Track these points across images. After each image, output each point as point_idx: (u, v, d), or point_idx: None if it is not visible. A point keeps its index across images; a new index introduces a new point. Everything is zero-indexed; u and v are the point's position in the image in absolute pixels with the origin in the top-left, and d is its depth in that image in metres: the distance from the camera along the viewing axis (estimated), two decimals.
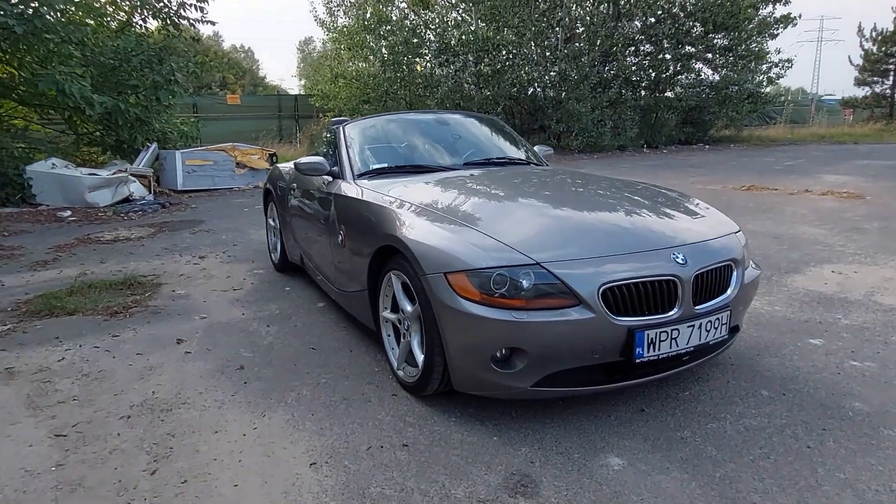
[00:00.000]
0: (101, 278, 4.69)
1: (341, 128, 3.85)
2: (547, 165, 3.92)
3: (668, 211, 2.79)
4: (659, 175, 11.57)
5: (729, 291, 2.45)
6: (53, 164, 8.52)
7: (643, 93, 20.28)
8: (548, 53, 18.39)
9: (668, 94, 21.12)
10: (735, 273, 2.49)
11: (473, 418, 2.44)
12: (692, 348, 2.31)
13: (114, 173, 8.61)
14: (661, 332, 2.21)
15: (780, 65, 21.01)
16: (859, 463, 2.08)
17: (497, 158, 3.68)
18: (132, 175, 8.77)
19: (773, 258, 4.95)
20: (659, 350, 2.23)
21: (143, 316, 3.84)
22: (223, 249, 5.81)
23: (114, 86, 9.31)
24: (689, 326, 2.27)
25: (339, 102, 17.69)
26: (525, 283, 2.16)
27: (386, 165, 3.49)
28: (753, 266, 2.79)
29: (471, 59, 16.61)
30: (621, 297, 2.20)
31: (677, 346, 2.26)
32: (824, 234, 5.84)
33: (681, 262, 2.28)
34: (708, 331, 2.33)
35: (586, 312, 2.14)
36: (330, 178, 3.54)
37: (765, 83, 21.53)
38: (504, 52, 17.02)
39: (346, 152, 3.61)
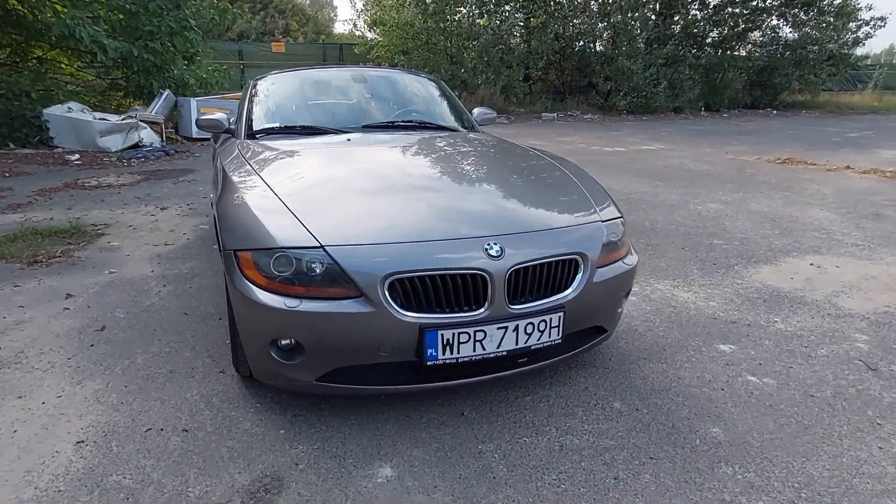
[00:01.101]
0: (51, 225, 4.77)
1: (252, 82, 3.64)
2: (473, 132, 3.56)
3: (530, 195, 2.44)
4: (695, 142, 10.73)
5: (568, 291, 2.12)
6: (69, 108, 8.76)
7: (708, 50, 18.75)
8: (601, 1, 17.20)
9: (737, 52, 19.47)
10: (582, 270, 2.15)
11: (278, 406, 2.26)
12: (504, 353, 2.02)
13: (124, 119, 8.76)
14: (460, 333, 1.93)
15: (872, 23, 18.91)
16: None
17: (403, 122, 3.36)
18: (143, 121, 8.91)
19: (752, 244, 4.43)
20: (458, 353, 1.95)
21: (60, 266, 3.85)
22: (189, 202, 5.79)
23: (133, 31, 9.39)
24: (500, 328, 1.97)
25: (378, 51, 17.34)
26: (314, 269, 1.92)
27: (277, 125, 3.27)
28: (630, 254, 2.42)
29: (508, 8, 15.75)
30: (413, 291, 1.92)
31: (483, 349, 1.98)
32: (832, 220, 5.18)
33: (494, 254, 1.97)
34: (529, 334, 2.02)
35: (366, 305, 1.89)
36: (229, 136, 3.37)
37: (850, 44, 19.46)
38: (552, 2, 16.07)
39: (246, 109, 3.41)
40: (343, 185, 2.42)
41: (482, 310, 1.96)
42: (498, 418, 2.20)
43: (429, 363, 1.94)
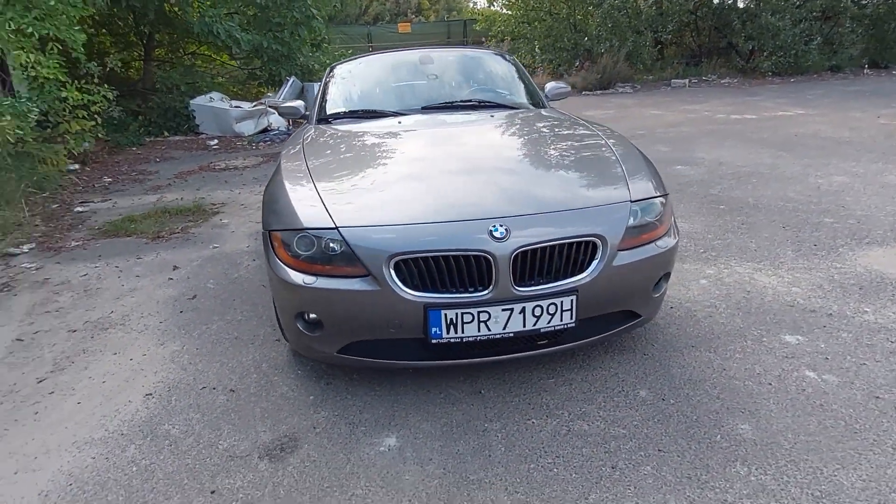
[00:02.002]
0: (178, 205, 5.43)
1: (329, 68, 3.85)
2: (538, 109, 3.47)
3: (560, 174, 2.38)
4: (844, 105, 9.46)
5: (583, 274, 2.06)
6: (211, 97, 9.76)
7: None
8: None
9: None
10: (600, 252, 2.08)
11: (315, 374, 2.46)
12: (511, 334, 2.02)
13: (255, 106, 9.59)
14: (463, 314, 1.97)
15: None
16: (654, 500, 1.70)
17: (462, 102, 3.38)
18: (271, 107, 9.68)
19: (870, 223, 3.90)
20: (463, 332, 2.00)
21: (177, 241, 4.40)
22: None
23: (264, 24, 10.18)
24: (504, 310, 1.99)
25: (499, 24, 17.16)
26: (333, 249, 2.07)
27: (341, 110, 3.45)
28: (669, 236, 2.29)
29: None
30: (417, 272, 2.00)
31: (489, 329, 2.00)
32: None
33: (499, 236, 1.97)
34: (537, 317, 2.01)
35: (373, 284, 2.00)
36: (304, 121, 3.62)
37: None
38: None
39: (319, 95, 3.63)
40: (376, 167, 2.53)
41: (486, 291, 1.98)
42: (514, 398, 2.22)
43: (433, 341, 2.01)
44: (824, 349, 2.43)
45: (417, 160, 2.57)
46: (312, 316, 2.15)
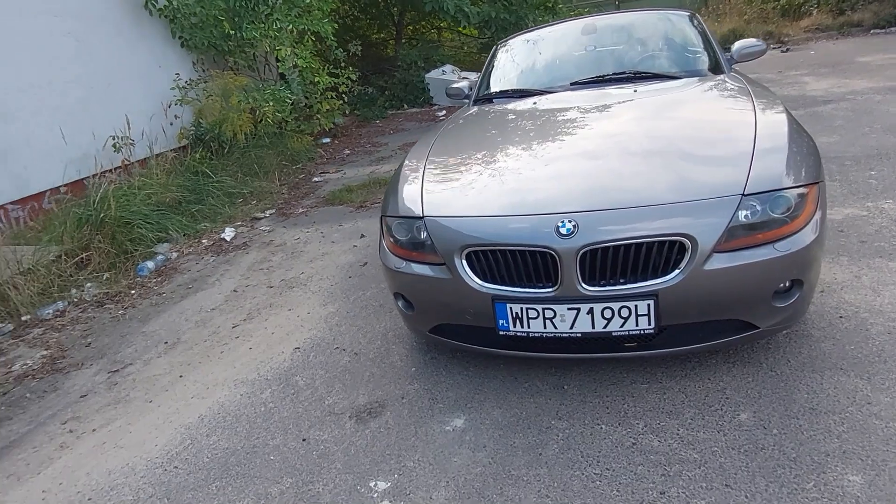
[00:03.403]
0: (388, 175, 6.06)
1: (495, 47, 3.89)
2: (714, 76, 3.00)
3: (670, 164, 2.09)
4: None
5: (666, 277, 1.85)
6: (443, 70, 10.43)
7: None
8: None
9: None
10: (688, 254, 1.84)
11: (425, 348, 2.65)
12: (579, 335, 1.94)
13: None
14: (528, 309, 1.96)
15: None
16: None
17: (615, 74, 3.10)
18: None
19: None
20: (528, 327, 1.98)
21: (373, 211, 4.98)
22: None
23: None
24: (571, 308, 1.91)
25: None
26: (422, 236, 2.22)
27: (497, 90, 3.47)
28: (800, 233, 1.89)
29: None
30: (486, 263, 2.03)
31: (554, 327, 1.95)
32: None
33: (565, 232, 1.88)
34: (607, 319, 1.89)
35: (447, 273, 2.09)
36: (468, 102, 3.76)
37: None
38: None
39: (482, 75, 3.72)
40: (486, 154, 2.55)
41: (551, 288, 1.93)
42: (594, 399, 2.12)
43: (500, 332, 2.04)
44: None
45: (530, 146, 2.52)
46: (405, 297, 2.34)
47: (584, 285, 1.89)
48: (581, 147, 2.40)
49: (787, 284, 1.95)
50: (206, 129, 6.44)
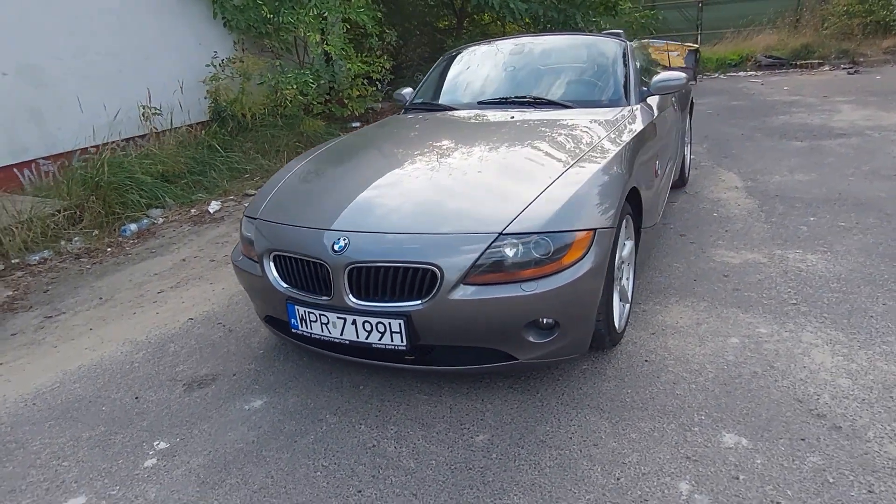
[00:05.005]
0: None
1: (442, 57, 4.06)
2: (614, 108, 3.02)
3: (461, 195, 2.27)
4: None
5: (416, 301, 2.03)
6: None
7: None
8: None
9: None
10: (440, 282, 2.00)
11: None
12: (347, 342, 2.16)
13: None
14: (309, 312, 2.20)
15: None
16: None
17: (517, 98, 3.21)
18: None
19: None
20: (311, 329, 2.22)
21: None
22: None
23: None
24: (339, 317, 2.13)
25: None
26: (251, 236, 2.49)
27: (418, 101, 3.67)
28: (571, 275, 2.00)
29: None
30: (285, 267, 2.28)
31: (329, 332, 2.17)
32: None
33: (337, 249, 2.10)
34: (368, 331, 2.10)
35: (258, 270, 2.36)
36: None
37: None
38: None
39: (420, 84, 3.91)
40: (336, 166, 2.81)
41: (326, 297, 2.15)
42: (377, 401, 2.32)
43: (293, 330, 2.29)
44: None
45: (373, 163, 2.74)
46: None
47: (351, 298, 2.11)
48: (410, 168, 2.58)
49: (549, 321, 2.07)
50: (223, 107, 6.95)
